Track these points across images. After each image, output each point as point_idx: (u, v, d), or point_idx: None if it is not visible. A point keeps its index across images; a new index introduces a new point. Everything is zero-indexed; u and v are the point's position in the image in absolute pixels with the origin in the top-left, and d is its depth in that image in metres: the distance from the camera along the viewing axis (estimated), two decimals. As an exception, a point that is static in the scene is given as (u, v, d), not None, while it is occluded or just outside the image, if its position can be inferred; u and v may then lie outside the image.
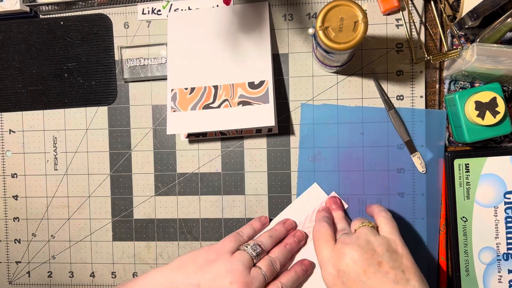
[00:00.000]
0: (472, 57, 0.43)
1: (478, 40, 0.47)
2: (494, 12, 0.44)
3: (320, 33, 0.40)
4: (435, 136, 0.52)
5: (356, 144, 0.53)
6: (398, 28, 0.52)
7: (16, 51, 0.58)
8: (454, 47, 0.50)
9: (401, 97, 0.52)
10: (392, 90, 0.52)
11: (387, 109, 0.52)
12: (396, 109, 0.52)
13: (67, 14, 0.57)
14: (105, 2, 0.56)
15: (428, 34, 0.52)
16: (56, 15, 0.57)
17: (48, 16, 0.58)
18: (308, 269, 0.49)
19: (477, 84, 0.51)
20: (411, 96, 0.52)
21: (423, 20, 0.52)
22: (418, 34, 0.51)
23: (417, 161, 0.51)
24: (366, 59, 0.53)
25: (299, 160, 0.54)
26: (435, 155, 0.52)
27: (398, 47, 0.52)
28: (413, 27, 0.51)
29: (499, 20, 0.44)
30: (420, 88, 0.52)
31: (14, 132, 0.59)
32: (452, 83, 0.52)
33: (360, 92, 0.53)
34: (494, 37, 0.46)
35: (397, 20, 0.52)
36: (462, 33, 0.50)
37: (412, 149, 0.51)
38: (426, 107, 0.52)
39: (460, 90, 0.51)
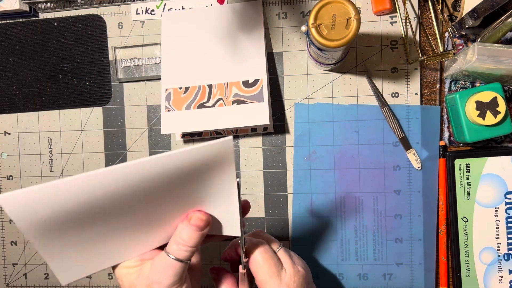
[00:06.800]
0: (473, 56, 0.43)
1: (478, 40, 0.47)
2: (494, 11, 0.44)
3: (313, 30, 0.40)
4: (431, 133, 0.51)
5: (351, 142, 0.53)
6: (392, 25, 0.52)
7: (10, 52, 0.58)
8: (455, 47, 0.50)
9: (396, 95, 0.52)
10: (387, 87, 0.52)
11: (380, 107, 0.52)
12: (391, 106, 0.52)
13: (61, 15, 0.57)
14: (103, 0, 0.56)
15: (424, 35, 0.52)
16: (54, 13, 0.57)
17: (47, 14, 0.57)
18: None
19: (478, 84, 0.51)
20: (406, 93, 0.52)
21: (419, 20, 0.51)
22: (414, 34, 0.51)
23: (412, 158, 0.51)
24: (361, 56, 0.53)
25: (294, 159, 0.53)
26: (431, 152, 0.51)
27: (393, 44, 0.52)
28: (408, 26, 0.51)
29: (499, 20, 0.44)
30: (415, 85, 0.52)
31: (9, 134, 0.59)
32: (452, 83, 0.51)
33: (355, 90, 0.53)
34: (494, 37, 0.46)
35: (392, 17, 0.52)
36: (463, 33, 0.50)
37: (407, 146, 0.51)
38: (422, 104, 0.52)
39: (461, 90, 0.51)
